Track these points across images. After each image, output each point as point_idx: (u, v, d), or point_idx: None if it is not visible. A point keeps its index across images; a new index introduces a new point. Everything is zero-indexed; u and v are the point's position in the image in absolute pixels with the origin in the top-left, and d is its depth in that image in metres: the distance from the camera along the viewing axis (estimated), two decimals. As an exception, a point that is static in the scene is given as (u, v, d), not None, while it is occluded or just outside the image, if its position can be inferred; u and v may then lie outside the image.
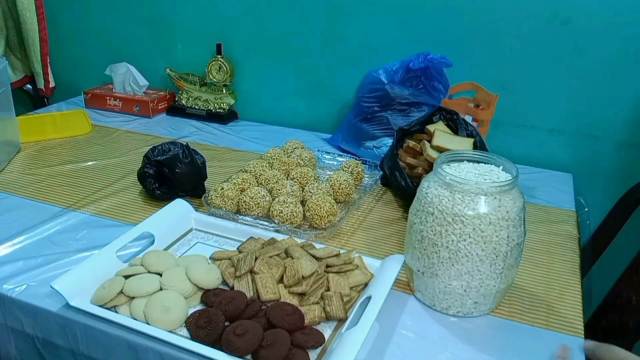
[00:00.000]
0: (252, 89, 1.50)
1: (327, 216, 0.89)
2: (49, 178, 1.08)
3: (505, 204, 0.67)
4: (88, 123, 1.37)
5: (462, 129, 1.02)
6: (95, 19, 1.60)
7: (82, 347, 0.69)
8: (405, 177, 0.97)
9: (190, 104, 1.51)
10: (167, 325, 0.66)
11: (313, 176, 1.02)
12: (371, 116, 1.23)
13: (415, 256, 0.73)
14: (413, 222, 0.73)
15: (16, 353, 0.77)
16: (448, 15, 1.23)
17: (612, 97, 1.17)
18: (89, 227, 0.91)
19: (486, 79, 1.20)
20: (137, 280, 0.71)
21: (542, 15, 1.16)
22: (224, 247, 0.85)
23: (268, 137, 1.36)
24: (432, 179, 0.71)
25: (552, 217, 1.02)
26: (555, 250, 0.90)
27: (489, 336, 0.70)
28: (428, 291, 0.74)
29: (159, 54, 1.56)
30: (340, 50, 1.35)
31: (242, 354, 0.61)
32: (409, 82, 1.22)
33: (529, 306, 0.75)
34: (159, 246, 0.83)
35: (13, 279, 0.76)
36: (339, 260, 0.77)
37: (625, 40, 1.12)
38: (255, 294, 0.71)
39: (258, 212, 0.92)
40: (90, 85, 1.58)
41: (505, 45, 1.21)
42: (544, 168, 1.24)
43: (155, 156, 0.97)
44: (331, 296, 0.70)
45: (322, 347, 0.64)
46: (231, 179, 0.99)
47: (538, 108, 1.24)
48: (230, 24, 1.44)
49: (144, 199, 1.01)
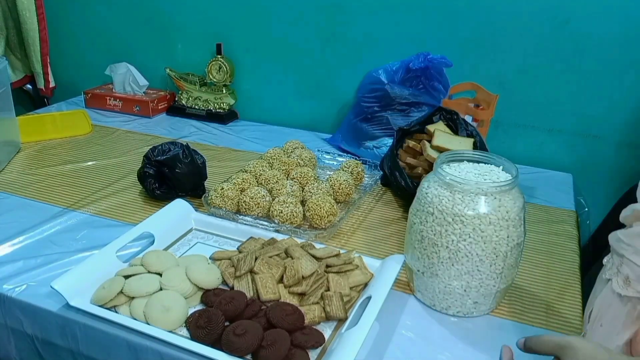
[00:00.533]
0: (252, 89, 1.50)
1: (327, 216, 0.89)
2: (49, 178, 1.08)
3: (505, 204, 0.67)
4: (88, 123, 1.37)
5: (462, 129, 1.02)
6: (95, 19, 1.60)
7: (82, 347, 0.69)
8: (405, 177, 0.97)
9: (190, 104, 1.51)
10: (167, 325, 0.66)
11: (313, 176, 1.02)
12: (371, 116, 1.23)
13: (415, 256, 0.73)
14: (413, 222, 0.73)
15: (16, 353, 0.77)
16: (448, 15, 1.23)
17: (612, 97, 1.17)
18: (89, 227, 0.91)
19: (486, 79, 1.20)
20: (137, 280, 0.71)
21: (542, 15, 1.16)
22: (224, 247, 0.85)
23: (268, 137, 1.36)
24: (432, 179, 0.71)
25: (552, 217, 1.02)
26: (555, 250, 0.90)
27: (489, 336, 0.70)
28: (428, 291, 0.74)
29: (159, 54, 1.56)
30: (340, 50, 1.36)
31: (242, 354, 0.61)
32: (409, 82, 1.22)
33: (529, 306, 0.76)
34: (159, 246, 0.83)
35: (13, 279, 0.76)
36: (339, 260, 0.77)
37: (626, 40, 1.12)
38: (255, 294, 0.71)
39: (258, 212, 0.92)
40: (90, 85, 1.58)
41: (505, 45, 1.21)
42: (544, 168, 1.24)
43: (155, 156, 0.97)
44: (331, 296, 0.70)
45: (322, 347, 0.64)
46: (231, 179, 0.99)
47: (538, 108, 1.24)
48: (230, 24, 1.44)
49: (144, 199, 1.01)
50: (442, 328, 0.71)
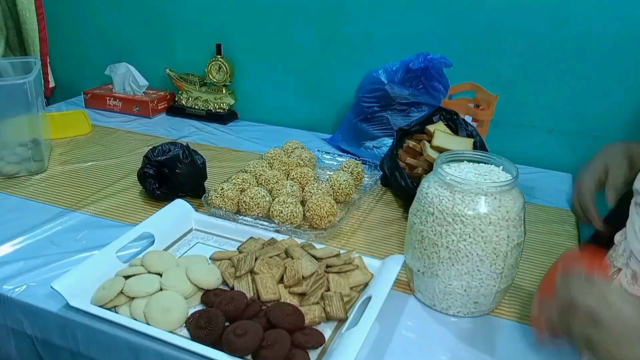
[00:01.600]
0: (252, 89, 1.50)
1: (327, 216, 0.89)
2: (49, 178, 1.08)
3: (505, 204, 0.67)
4: (88, 123, 1.37)
5: (462, 129, 1.02)
6: (95, 19, 1.60)
7: (82, 347, 0.69)
8: (405, 177, 0.97)
9: (190, 104, 1.51)
10: (168, 326, 0.66)
11: (313, 176, 1.02)
12: (371, 116, 1.23)
13: (415, 256, 0.73)
14: (413, 222, 0.73)
15: (16, 353, 0.77)
16: (448, 15, 1.23)
17: (612, 97, 1.17)
18: (89, 228, 0.91)
19: (486, 79, 1.19)
20: (137, 281, 0.71)
21: (542, 15, 1.16)
22: (224, 247, 0.85)
23: (268, 137, 1.36)
24: (432, 179, 0.71)
25: (552, 217, 1.02)
26: (555, 250, 0.90)
27: (489, 336, 0.70)
28: (428, 291, 0.74)
29: (159, 54, 1.56)
30: (340, 50, 1.35)
31: (243, 354, 0.61)
32: (409, 82, 1.22)
33: (529, 306, 0.75)
34: (159, 246, 0.83)
35: (13, 280, 0.76)
36: (339, 261, 0.77)
37: (626, 40, 1.12)
38: (255, 294, 0.71)
39: (258, 213, 0.92)
40: (90, 85, 1.58)
41: (505, 45, 1.21)
42: (543, 168, 1.24)
43: (155, 156, 0.97)
44: (331, 296, 0.70)
45: (323, 348, 0.64)
46: (231, 179, 0.99)
47: (538, 108, 1.24)
48: (230, 24, 1.44)
49: (144, 200, 1.01)
50: (443, 328, 0.71)
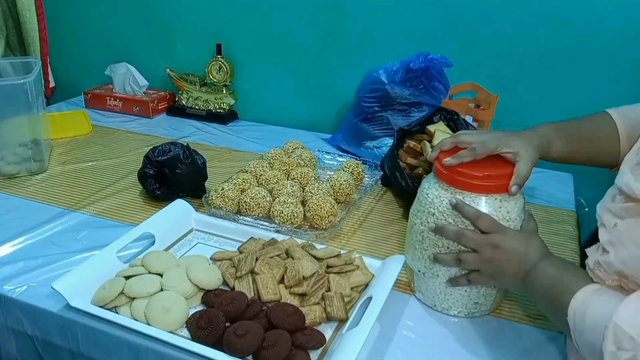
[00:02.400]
0: (252, 89, 1.50)
1: (328, 216, 0.89)
2: (49, 178, 1.08)
3: (506, 204, 0.67)
4: (88, 123, 1.37)
5: (463, 129, 1.02)
6: (95, 19, 1.60)
7: (83, 347, 0.70)
8: (406, 178, 0.97)
9: (190, 104, 1.51)
10: (168, 326, 0.66)
11: (313, 176, 1.02)
12: (371, 116, 1.23)
13: (416, 256, 0.73)
14: (414, 222, 0.73)
15: (16, 353, 0.77)
16: (448, 15, 1.23)
17: (612, 97, 1.17)
18: (90, 228, 0.91)
19: (486, 79, 1.20)
20: (137, 281, 0.71)
21: (542, 15, 1.16)
22: (225, 247, 0.85)
23: (268, 137, 1.36)
24: (433, 179, 0.71)
25: (552, 217, 1.02)
26: (555, 250, 0.90)
27: (489, 336, 0.70)
28: (429, 291, 0.74)
29: (159, 54, 1.56)
30: (340, 50, 1.35)
31: (243, 354, 0.61)
32: (409, 82, 1.22)
33: (529, 306, 0.75)
34: (160, 247, 0.83)
35: (14, 280, 0.76)
36: (340, 261, 0.77)
37: (625, 40, 1.12)
38: (256, 295, 0.71)
39: (258, 213, 0.92)
40: (90, 85, 1.58)
41: (505, 45, 1.21)
42: (544, 168, 1.24)
43: (155, 156, 0.97)
44: (332, 297, 0.70)
45: (323, 348, 0.64)
46: (231, 180, 0.99)
47: (538, 108, 1.24)
48: (230, 24, 1.44)
49: (144, 200, 1.01)
50: (443, 328, 0.71)
